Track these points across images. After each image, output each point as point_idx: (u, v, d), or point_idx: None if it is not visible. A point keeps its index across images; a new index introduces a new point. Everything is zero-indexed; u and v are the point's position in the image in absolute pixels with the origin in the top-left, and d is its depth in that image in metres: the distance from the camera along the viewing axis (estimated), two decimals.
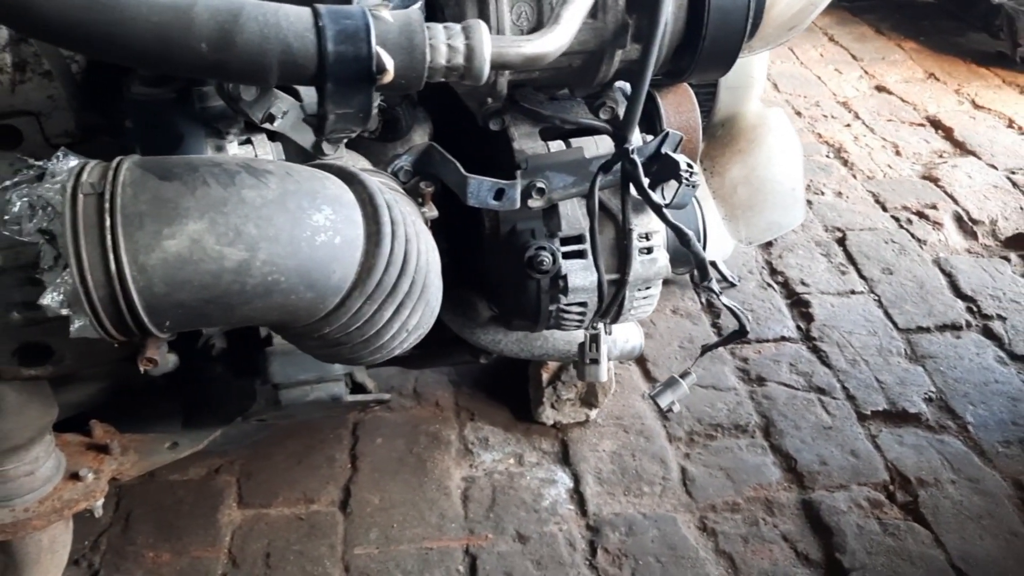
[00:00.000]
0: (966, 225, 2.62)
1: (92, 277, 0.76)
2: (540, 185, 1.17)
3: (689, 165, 1.16)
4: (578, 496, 1.75)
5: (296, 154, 1.10)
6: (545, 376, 1.86)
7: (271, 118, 0.98)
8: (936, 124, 3.18)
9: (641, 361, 2.07)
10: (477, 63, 0.72)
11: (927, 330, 2.21)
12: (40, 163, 0.83)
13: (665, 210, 1.13)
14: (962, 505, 1.73)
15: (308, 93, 1.03)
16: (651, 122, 1.29)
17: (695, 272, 1.24)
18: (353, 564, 1.60)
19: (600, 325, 1.26)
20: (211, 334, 1.42)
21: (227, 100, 0.91)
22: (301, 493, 1.73)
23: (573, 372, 1.85)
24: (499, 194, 1.15)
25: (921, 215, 2.65)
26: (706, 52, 1.11)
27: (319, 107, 0.73)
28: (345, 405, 1.34)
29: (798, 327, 2.20)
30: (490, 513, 1.70)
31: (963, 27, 3.87)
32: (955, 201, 2.71)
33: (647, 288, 1.27)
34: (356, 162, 1.14)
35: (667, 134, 1.17)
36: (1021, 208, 2.71)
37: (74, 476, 1.32)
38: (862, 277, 2.39)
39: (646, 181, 1.13)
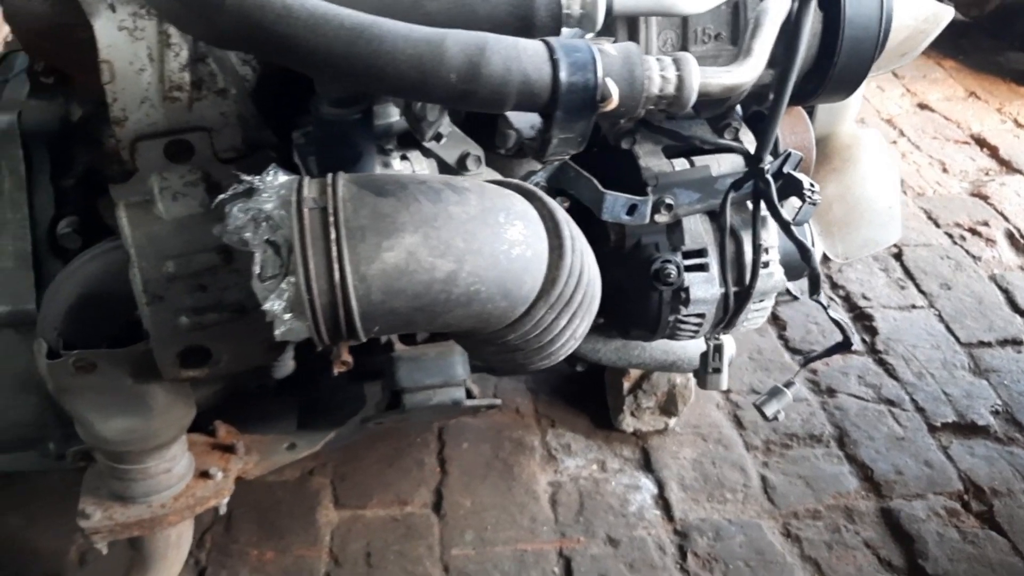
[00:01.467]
0: (1018, 242, 2.67)
1: (317, 285, 0.81)
2: (668, 201, 1.23)
3: (812, 184, 1.21)
4: (663, 502, 1.79)
5: (441, 169, 1.16)
6: (626, 384, 1.91)
7: (439, 136, 1.04)
8: (981, 142, 3.24)
9: None
10: (686, 93, 0.78)
11: (989, 344, 2.25)
12: (250, 179, 0.88)
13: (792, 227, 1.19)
14: None
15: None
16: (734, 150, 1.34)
17: (808, 286, 1.30)
18: (452, 565, 1.65)
19: (722, 336, 1.31)
20: None
21: (412, 120, 0.96)
22: (395, 495, 1.78)
23: (654, 381, 1.90)
24: (632, 209, 1.20)
25: (974, 232, 2.70)
26: (835, 77, 1.16)
27: (544, 132, 0.79)
28: (462, 409, 1.39)
29: (863, 340, 2.25)
30: (579, 517, 1.75)
31: (1002, 46, 3.92)
32: (1006, 219, 2.77)
33: (761, 301, 1.32)
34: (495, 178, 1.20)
35: (789, 154, 1.22)
36: None
37: (204, 474, 1.38)
38: (921, 292, 2.44)
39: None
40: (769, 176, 1.15)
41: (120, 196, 1.11)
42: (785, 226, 1.18)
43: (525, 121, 0.87)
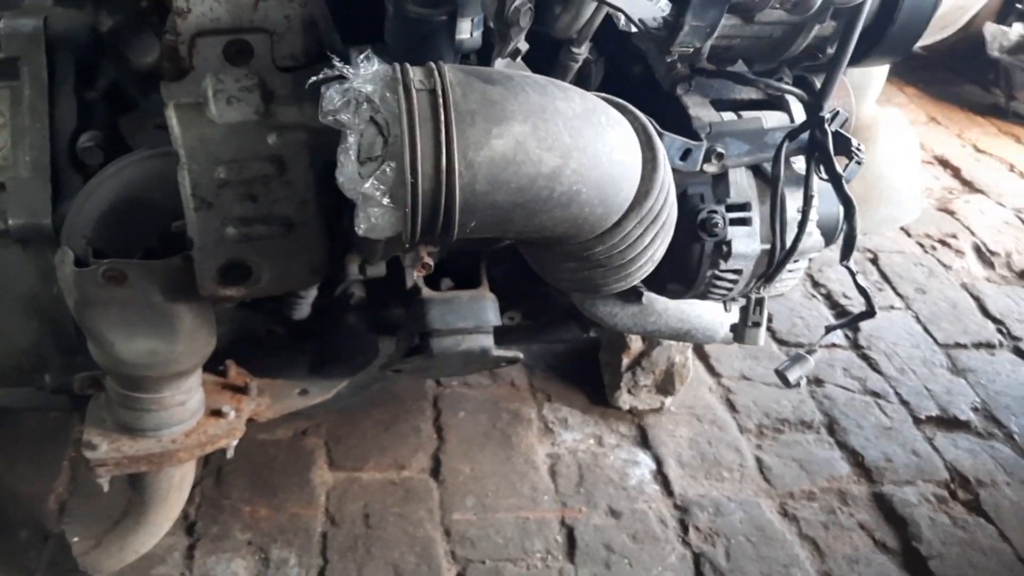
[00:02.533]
0: (985, 256, 2.76)
1: (422, 169, 0.77)
2: (720, 150, 1.22)
3: (858, 144, 1.23)
4: (662, 477, 1.78)
5: None
6: (625, 361, 1.90)
7: (516, 52, 1.01)
8: (944, 163, 3.35)
9: (703, 356, 2.13)
10: None
11: (964, 346, 2.31)
12: (339, 64, 0.85)
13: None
14: (1019, 505, 1.82)
15: None
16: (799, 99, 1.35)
17: (841, 249, 1.31)
18: (454, 529, 1.60)
19: (763, 290, 1.31)
20: (350, 283, 1.43)
21: (500, 26, 0.94)
22: (391, 459, 1.73)
23: (653, 358, 1.90)
24: (685, 154, 1.19)
25: (944, 243, 2.78)
26: (892, 37, 1.18)
27: (677, 17, 0.77)
28: (490, 359, 1.36)
29: (846, 336, 2.29)
30: (580, 488, 1.72)
31: (959, 79, 4.08)
32: (972, 233, 2.86)
33: (797, 261, 1.33)
34: None
35: (837, 112, 1.23)
36: None
37: (216, 413, 1.31)
38: (898, 295, 2.50)
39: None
40: (828, 126, 1.15)
41: (171, 96, 1.06)
42: (837, 180, 1.19)
43: (648, 11, 0.85)
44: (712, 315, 1.57)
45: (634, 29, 0.86)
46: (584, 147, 0.82)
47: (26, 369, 1.37)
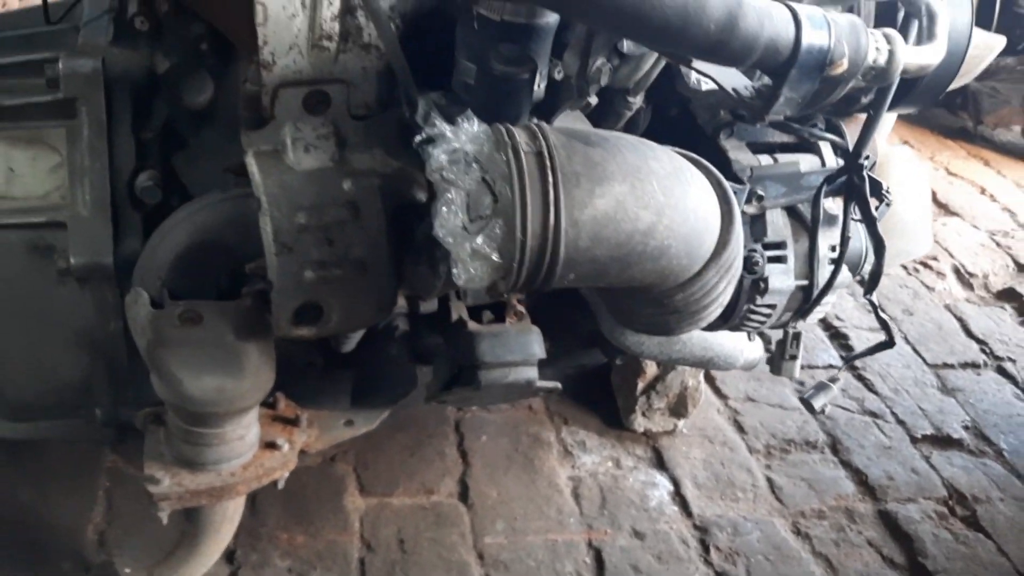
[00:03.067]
0: (964, 277, 2.88)
1: (531, 227, 0.82)
2: (760, 193, 1.29)
3: (887, 187, 1.30)
4: (680, 498, 1.84)
5: None
6: (640, 385, 1.96)
7: (588, 105, 1.07)
8: None
9: (710, 378, 2.20)
10: (894, 66, 0.84)
11: (952, 367, 2.42)
12: (441, 124, 0.89)
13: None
14: (1014, 521, 1.92)
15: None
16: (835, 145, 1.42)
17: (867, 284, 1.39)
18: (486, 552, 1.64)
19: (799, 325, 1.38)
20: (396, 316, 1.47)
21: (581, 80, 0.99)
22: (420, 484, 1.76)
23: (667, 382, 1.96)
24: None
25: (925, 265, 2.89)
26: (923, 87, 1.25)
27: (774, 89, 0.83)
28: (532, 389, 1.40)
29: (841, 357, 2.38)
30: (603, 510, 1.78)
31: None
32: (951, 255, 2.98)
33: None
34: None
35: (870, 158, 1.30)
36: (1007, 266, 3.00)
37: (270, 445, 1.34)
38: (887, 316, 2.59)
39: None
40: (865, 173, 1.23)
41: (250, 143, 1.09)
42: (872, 222, 1.26)
43: (740, 81, 0.91)
44: (733, 343, 1.63)
45: (729, 97, 0.92)
46: (675, 204, 0.88)
47: (74, 402, 1.38)
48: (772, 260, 1.35)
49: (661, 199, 0.86)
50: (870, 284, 1.38)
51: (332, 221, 1.08)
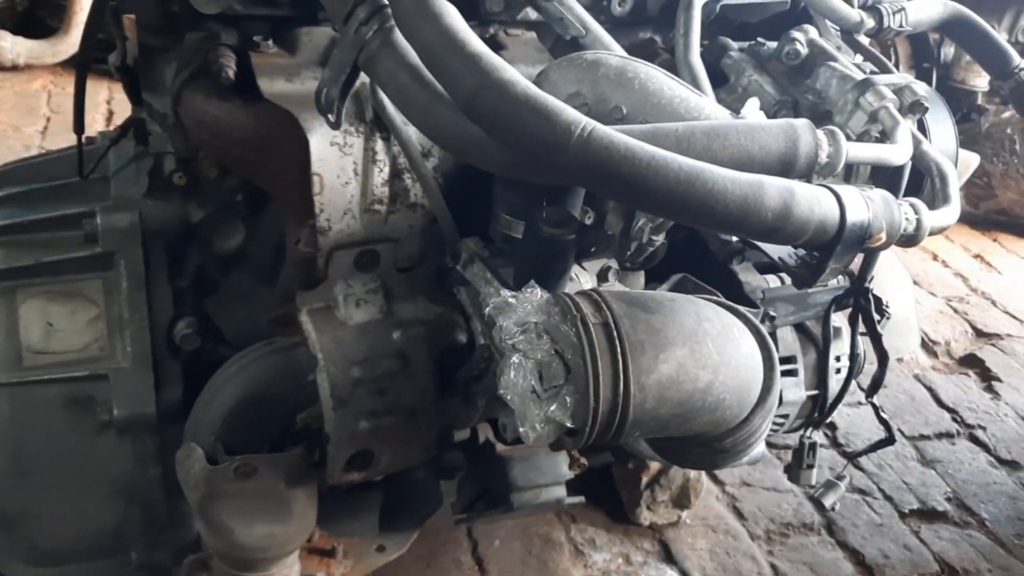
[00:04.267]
0: (928, 345, 3.02)
1: (603, 394, 0.88)
2: (772, 313, 1.37)
3: (887, 302, 1.40)
4: None
5: None
6: (644, 479, 2.01)
7: (635, 260, 1.14)
8: None
9: None
10: (922, 233, 0.93)
11: (928, 437, 2.53)
12: (506, 291, 0.95)
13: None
14: None
15: None
16: None
17: (868, 388, 1.48)
18: None
19: (815, 435, 1.45)
20: None
21: (624, 241, 1.06)
22: None
23: (671, 475, 2.02)
24: None
25: None
26: None
27: (821, 263, 0.91)
28: (560, 506, 1.45)
29: (826, 435, 2.47)
30: None
31: None
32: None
33: None
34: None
35: (874, 278, 1.40)
36: (966, 332, 3.15)
37: None
38: (862, 389, 2.70)
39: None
40: (870, 295, 1.32)
41: (304, 302, 1.13)
42: (877, 338, 1.35)
43: (785, 251, 0.99)
44: None
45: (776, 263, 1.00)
46: (728, 361, 0.95)
47: (107, 546, 1.38)
48: (785, 374, 1.43)
49: (716, 358, 0.93)
50: (871, 389, 1.47)
51: (384, 372, 1.13)
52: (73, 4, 3.68)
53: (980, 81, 4.08)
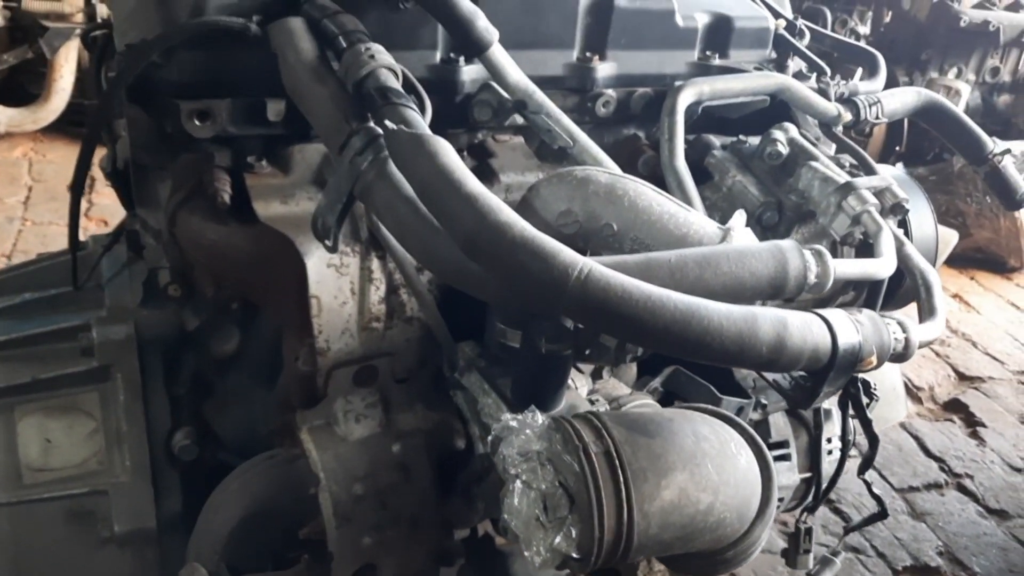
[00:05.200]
0: (912, 392, 3.05)
1: (607, 524, 0.89)
2: (764, 402, 1.39)
3: (874, 385, 1.43)
4: None
5: None
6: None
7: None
8: None
9: None
10: (911, 350, 0.96)
11: (917, 489, 2.56)
12: (507, 415, 0.96)
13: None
14: None
15: None
16: None
17: (860, 465, 1.50)
18: None
19: (811, 520, 1.47)
20: None
21: (620, 354, 1.08)
22: None
23: None
24: (739, 411, 1.35)
25: None
26: (900, 297, 1.39)
27: (815, 387, 0.93)
28: None
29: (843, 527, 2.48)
30: None
31: None
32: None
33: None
34: (619, 389, 1.32)
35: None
36: (948, 376, 3.20)
37: None
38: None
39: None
40: (859, 383, 1.34)
41: (304, 420, 1.14)
42: (867, 423, 1.37)
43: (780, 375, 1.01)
44: None
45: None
46: (727, 480, 0.96)
47: None
48: (778, 459, 1.45)
49: (716, 479, 0.95)
50: (862, 468, 1.49)
51: (386, 485, 1.14)
52: (53, 71, 3.69)
53: None
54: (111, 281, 1.39)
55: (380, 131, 0.96)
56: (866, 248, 1.17)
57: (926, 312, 1.05)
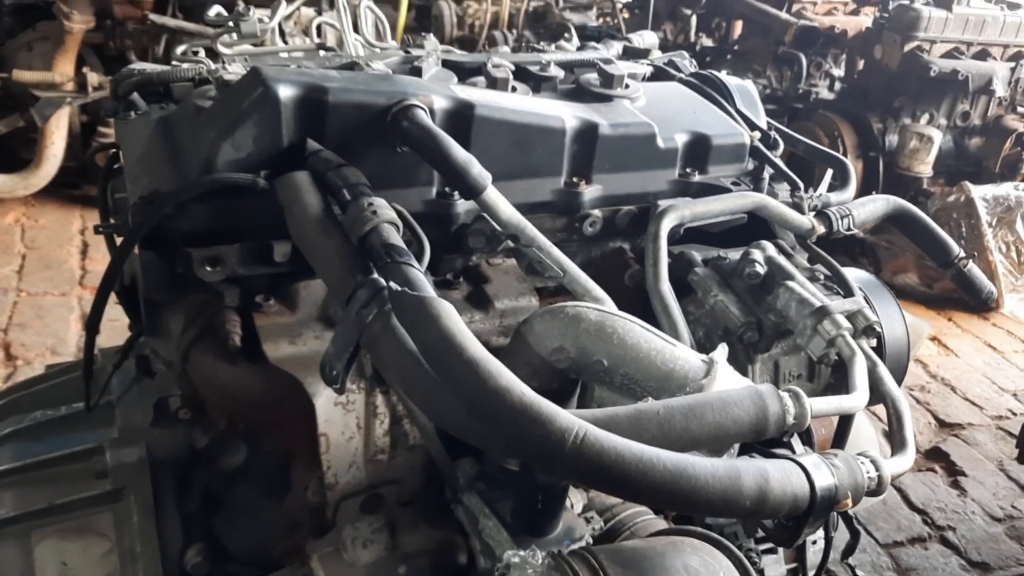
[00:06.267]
0: None
1: None
2: None
3: None
4: None
5: None
6: None
7: None
8: None
9: None
10: (883, 487, 1.03)
11: (902, 544, 2.63)
12: (509, 554, 1.03)
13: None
14: None
15: None
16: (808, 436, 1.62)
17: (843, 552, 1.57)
18: None
19: None
20: None
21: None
22: None
23: None
24: None
25: None
26: None
27: (796, 530, 1.00)
28: None
29: None
30: None
31: (833, 255, 4.61)
32: (878, 417, 3.24)
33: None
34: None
35: None
36: (929, 423, 3.28)
37: None
38: None
39: None
40: None
41: (314, 549, 1.20)
42: (848, 518, 1.44)
43: None
44: None
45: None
46: None
47: None
48: (766, 552, 1.51)
49: None
50: (845, 554, 1.56)
51: None
52: (45, 138, 3.76)
53: (924, 168, 4.30)
54: (121, 399, 1.45)
55: (384, 284, 1.03)
56: (842, 367, 1.25)
57: (897, 444, 1.12)
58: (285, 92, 1.17)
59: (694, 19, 5.82)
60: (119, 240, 1.48)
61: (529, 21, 6.80)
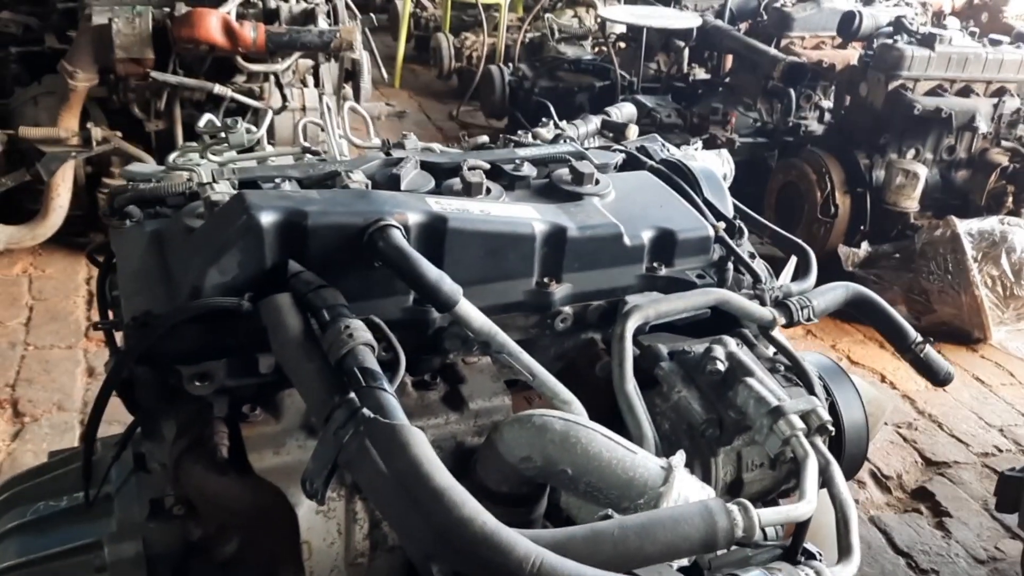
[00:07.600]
0: (881, 481, 3.20)
1: None
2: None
3: (820, 552, 1.57)
4: None
5: None
6: None
7: None
8: None
9: None
10: None
11: None
12: None
13: None
14: None
15: None
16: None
17: None
18: None
19: None
20: None
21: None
22: None
23: None
24: None
25: None
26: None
27: None
28: None
29: None
30: None
31: None
32: (867, 459, 3.30)
33: None
34: None
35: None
36: (916, 462, 3.34)
37: None
38: None
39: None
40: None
41: None
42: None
43: None
44: None
45: None
46: None
47: None
48: None
49: None
50: None
51: None
52: (51, 191, 3.85)
53: (911, 203, 4.37)
54: (120, 491, 1.53)
55: (360, 405, 1.11)
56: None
57: (843, 550, 1.19)
58: (267, 219, 1.25)
59: (687, 51, 5.90)
60: (117, 335, 1.58)
61: (525, 53, 6.90)
